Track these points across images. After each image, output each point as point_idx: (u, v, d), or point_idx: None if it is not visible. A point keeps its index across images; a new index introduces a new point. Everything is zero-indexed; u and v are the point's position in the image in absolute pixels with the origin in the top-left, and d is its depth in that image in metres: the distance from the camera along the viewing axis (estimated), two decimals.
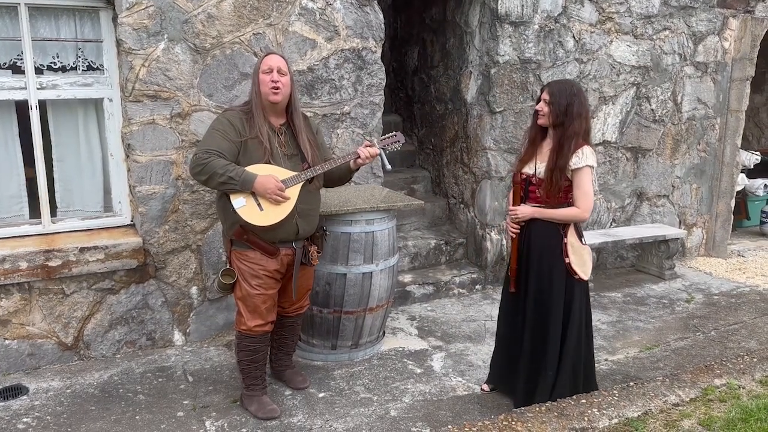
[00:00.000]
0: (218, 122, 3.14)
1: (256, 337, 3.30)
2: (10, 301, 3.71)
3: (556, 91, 3.18)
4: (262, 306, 3.25)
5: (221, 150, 3.04)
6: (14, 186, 3.91)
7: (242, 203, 3.06)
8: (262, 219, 3.09)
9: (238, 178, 3.00)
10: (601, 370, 3.96)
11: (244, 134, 3.10)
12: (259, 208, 3.08)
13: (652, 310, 5.04)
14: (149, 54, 3.78)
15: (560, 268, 3.25)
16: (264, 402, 3.38)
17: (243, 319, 3.29)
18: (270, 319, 3.32)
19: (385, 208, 3.96)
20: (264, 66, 3.13)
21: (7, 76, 3.74)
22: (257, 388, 3.40)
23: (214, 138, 3.08)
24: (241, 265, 3.22)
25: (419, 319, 4.78)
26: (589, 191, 3.17)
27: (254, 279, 3.21)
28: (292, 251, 3.27)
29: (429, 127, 6.24)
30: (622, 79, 5.70)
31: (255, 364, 3.36)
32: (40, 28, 3.76)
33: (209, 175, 3.00)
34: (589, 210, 3.20)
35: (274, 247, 3.20)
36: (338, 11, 4.29)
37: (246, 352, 3.33)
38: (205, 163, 2.99)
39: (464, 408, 3.48)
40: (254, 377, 3.38)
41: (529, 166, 3.31)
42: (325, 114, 4.41)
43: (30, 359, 3.83)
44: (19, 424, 3.26)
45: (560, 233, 3.25)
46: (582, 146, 3.15)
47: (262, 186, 3.04)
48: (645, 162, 6.05)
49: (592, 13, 5.39)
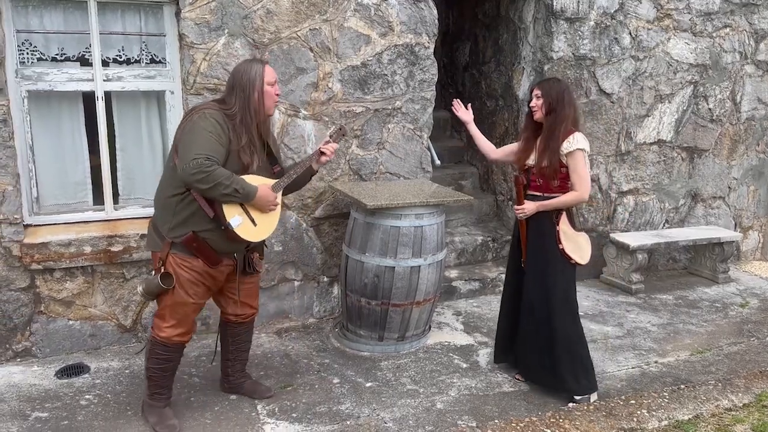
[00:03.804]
0: (209, 123, 2.87)
1: (171, 347, 3.11)
2: (74, 283, 3.88)
3: (546, 86, 3.44)
4: (192, 315, 3.11)
5: (218, 156, 2.84)
6: (80, 173, 4.09)
7: (239, 221, 2.93)
8: (257, 234, 3.00)
9: (242, 190, 2.86)
10: (651, 371, 3.91)
11: (232, 142, 2.91)
12: (253, 223, 2.98)
13: (704, 314, 4.93)
14: (210, 48, 3.90)
15: (555, 254, 3.46)
16: (165, 415, 3.19)
17: (164, 326, 3.07)
18: (192, 329, 3.18)
19: (435, 203, 4.00)
20: (270, 78, 2.98)
21: (76, 68, 3.90)
22: (161, 398, 3.21)
23: (211, 142, 2.83)
24: (181, 271, 2.99)
25: (465, 315, 4.80)
26: (584, 174, 3.39)
27: (193, 287, 3.02)
28: (233, 261, 3.12)
29: (479, 123, 6.17)
30: (679, 78, 5.58)
31: (164, 374, 3.17)
32: (107, 23, 3.91)
33: (214, 185, 2.78)
34: (587, 192, 3.44)
35: (218, 257, 3.04)
36: (393, 7, 4.33)
37: (158, 360, 3.11)
38: (210, 172, 2.76)
39: (510, 404, 3.49)
40: (160, 386, 3.19)
41: (529, 159, 3.53)
42: (376, 109, 4.46)
43: (91, 340, 4.00)
44: (82, 401, 3.43)
45: (553, 222, 3.46)
46: (573, 132, 3.38)
47: (263, 198, 2.94)
48: (701, 162, 5.91)
49: (649, 9, 5.29)
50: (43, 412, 3.30)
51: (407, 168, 4.66)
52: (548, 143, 3.38)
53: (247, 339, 3.48)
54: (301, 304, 4.55)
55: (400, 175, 4.65)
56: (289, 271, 4.46)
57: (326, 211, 4.47)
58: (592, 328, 4.55)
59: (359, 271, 4.00)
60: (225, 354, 3.46)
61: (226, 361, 3.47)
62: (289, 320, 4.52)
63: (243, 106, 2.93)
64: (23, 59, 3.77)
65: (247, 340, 3.48)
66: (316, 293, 4.58)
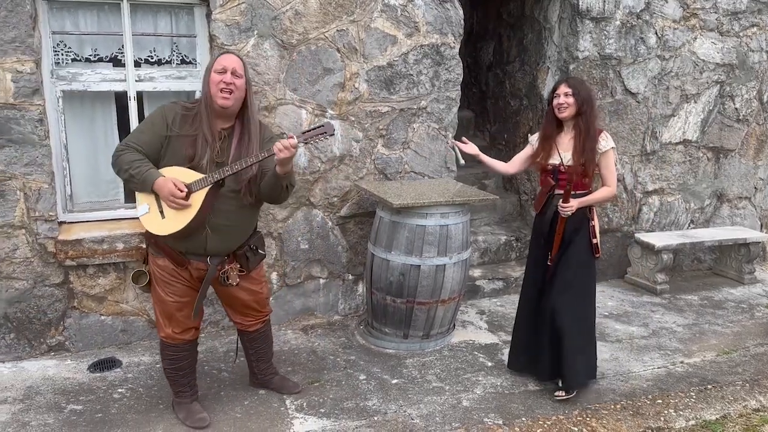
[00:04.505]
0: (153, 114, 2.91)
1: (177, 346, 3.12)
2: (107, 279, 3.97)
3: (575, 84, 3.45)
4: (177, 314, 3.05)
5: (139, 143, 2.83)
6: (112, 172, 4.14)
7: (145, 210, 2.85)
8: (161, 227, 2.84)
9: (139, 177, 2.77)
10: (677, 371, 3.90)
11: (174, 130, 2.83)
12: (161, 216, 2.83)
13: (730, 315, 4.90)
14: (240, 49, 3.96)
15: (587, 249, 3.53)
16: (193, 410, 3.22)
17: (161, 326, 3.10)
18: (190, 326, 3.12)
19: (460, 202, 4.02)
20: (217, 65, 2.82)
21: (109, 68, 3.99)
22: (185, 395, 3.25)
23: (140, 131, 2.88)
24: (154, 268, 3.01)
25: (489, 314, 4.81)
26: (614, 171, 3.52)
27: (166, 286, 3.00)
28: (205, 267, 2.98)
29: (502, 122, 6.24)
30: (705, 77, 5.54)
31: (179, 372, 3.19)
32: (140, 24, 3.99)
33: (118, 169, 2.82)
34: (616, 187, 3.60)
35: (182, 257, 2.94)
36: (419, 7, 4.37)
37: (169, 360, 3.16)
38: (117, 156, 2.81)
39: (536, 402, 3.51)
40: (181, 384, 3.22)
41: (553, 158, 3.53)
42: (402, 108, 4.49)
43: (122, 335, 4.09)
44: (115, 394, 3.51)
45: (588, 217, 3.53)
46: (602, 131, 3.47)
47: (160, 188, 2.77)
48: (726, 162, 5.86)
49: (675, 9, 5.27)
50: (77, 405, 3.38)
51: (432, 167, 4.69)
52: (586, 143, 3.40)
53: (264, 343, 3.44)
54: (327, 301, 4.60)
55: (425, 175, 4.68)
56: (315, 269, 4.51)
57: (351, 210, 4.52)
58: (617, 328, 4.55)
59: (385, 269, 4.03)
60: (248, 355, 3.48)
61: (250, 361, 3.50)
62: (315, 317, 4.57)
63: (203, 95, 2.90)
64: (58, 60, 3.86)
65: (265, 344, 3.45)
66: (341, 291, 4.63)
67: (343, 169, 4.41)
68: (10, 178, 3.66)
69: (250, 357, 3.46)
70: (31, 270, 3.80)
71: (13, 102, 3.59)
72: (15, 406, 3.36)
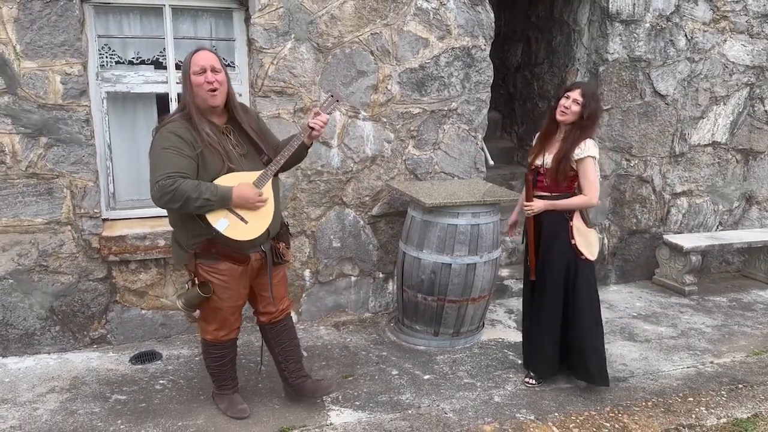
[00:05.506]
0: (165, 139, 2.79)
1: (222, 344, 3.22)
2: (148, 274, 4.11)
3: (588, 94, 3.41)
4: (231, 317, 3.14)
5: (182, 170, 2.75)
6: None
7: (225, 224, 2.83)
8: (250, 232, 2.90)
9: (215, 197, 2.76)
10: (706, 371, 3.93)
11: (198, 145, 2.81)
12: (243, 222, 2.88)
13: (759, 316, 4.91)
14: (277, 53, 4.07)
15: (567, 249, 3.51)
16: (234, 401, 3.34)
17: (209, 329, 3.16)
18: (236, 326, 3.23)
19: (491, 201, 4.09)
20: (194, 66, 2.79)
21: (150, 71, 4.12)
22: (227, 388, 3.36)
23: (169, 159, 2.76)
24: (211, 278, 2.98)
25: (517, 313, 4.87)
26: (593, 180, 3.45)
27: (225, 291, 3.02)
28: (261, 255, 3.06)
29: (530, 124, 6.29)
30: (734, 79, 5.55)
31: (223, 368, 3.29)
32: (180, 28, 4.12)
33: (183, 201, 2.73)
34: (596, 197, 3.49)
35: (244, 255, 2.99)
36: (451, 11, 4.44)
37: (213, 358, 3.26)
38: (174, 190, 2.71)
39: (567, 399, 3.57)
40: (224, 379, 3.33)
41: (539, 159, 3.58)
42: (432, 110, 4.57)
43: (162, 328, 4.22)
44: (157, 385, 3.63)
45: (566, 218, 3.51)
46: (585, 139, 3.42)
47: (242, 197, 2.83)
48: (756, 164, 5.85)
49: (706, 11, 5.28)
50: (121, 395, 3.51)
51: (461, 168, 4.77)
52: (566, 152, 3.42)
53: (290, 336, 3.39)
54: (358, 298, 4.69)
55: (455, 175, 4.76)
56: (347, 267, 4.61)
57: (383, 209, 4.61)
58: (645, 329, 4.58)
59: (416, 268, 4.12)
60: (275, 358, 3.41)
61: (279, 364, 3.41)
62: (346, 314, 4.67)
63: (187, 102, 2.86)
64: (102, 62, 4.01)
65: (291, 337, 3.40)
66: (372, 289, 4.72)
67: (375, 169, 4.51)
68: (57, 176, 3.80)
69: (278, 358, 3.39)
70: (76, 265, 3.94)
71: (62, 103, 3.73)
72: (62, 395, 3.50)
